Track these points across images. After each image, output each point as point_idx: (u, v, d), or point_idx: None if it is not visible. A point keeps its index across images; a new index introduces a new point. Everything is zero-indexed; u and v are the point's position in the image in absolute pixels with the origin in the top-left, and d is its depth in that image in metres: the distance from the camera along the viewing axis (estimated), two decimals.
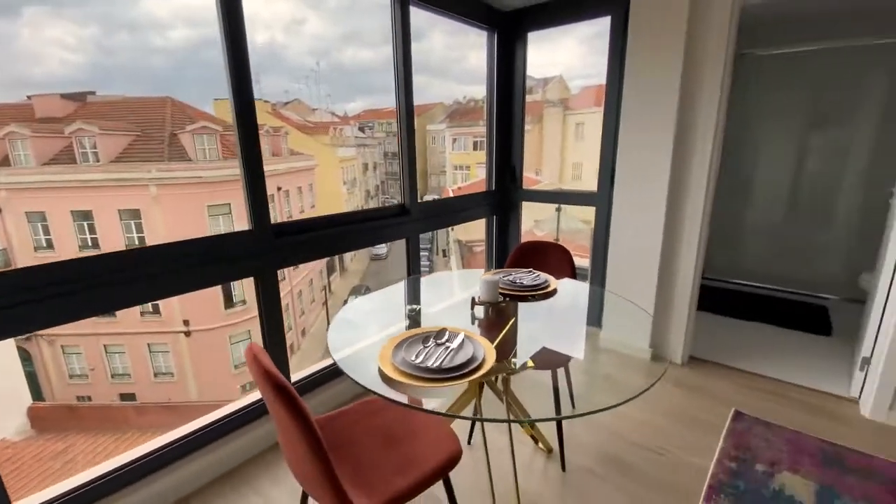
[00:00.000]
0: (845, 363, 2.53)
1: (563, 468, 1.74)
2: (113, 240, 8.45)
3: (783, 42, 3.37)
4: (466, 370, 1.08)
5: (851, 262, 3.44)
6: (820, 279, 3.58)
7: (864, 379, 2.14)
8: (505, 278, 1.75)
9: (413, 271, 2.54)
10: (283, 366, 1.87)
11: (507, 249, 3.26)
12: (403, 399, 1.09)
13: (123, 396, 9.03)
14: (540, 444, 1.84)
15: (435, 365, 1.08)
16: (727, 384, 2.34)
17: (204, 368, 9.30)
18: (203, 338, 9.16)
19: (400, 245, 2.50)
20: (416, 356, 1.13)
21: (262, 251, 1.74)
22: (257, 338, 1.93)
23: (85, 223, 8.34)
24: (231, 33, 1.55)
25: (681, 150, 2.36)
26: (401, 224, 2.40)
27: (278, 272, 1.83)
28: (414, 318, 1.65)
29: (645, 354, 2.61)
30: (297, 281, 13.09)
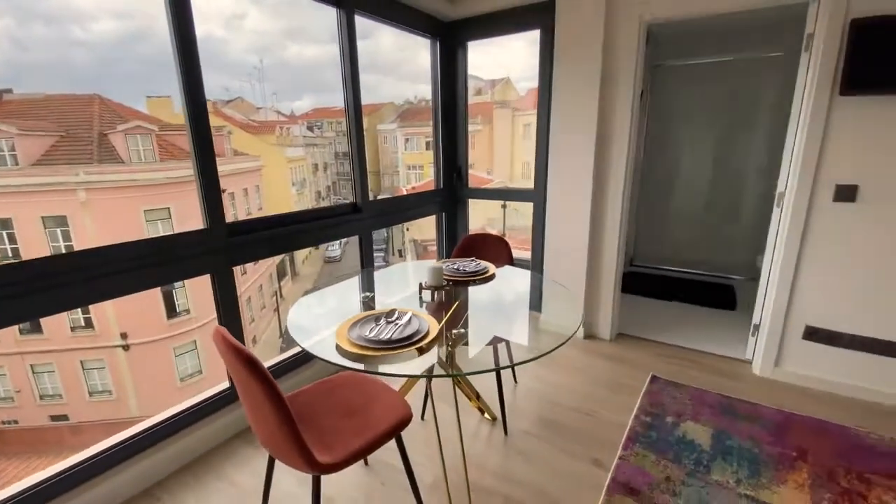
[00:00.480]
0: (744, 332, 2.96)
1: (506, 433, 1.96)
2: (36, 250, 7.83)
3: (689, 54, 3.83)
4: (414, 340, 1.26)
5: (753, 247, 3.96)
6: (729, 262, 4.09)
7: (755, 343, 2.54)
8: (450, 266, 1.94)
9: (367, 266, 2.68)
10: None
11: (456, 243, 3.47)
12: (360, 366, 1.25)
13: (55, 418, 8.39)
14: (486, 415, 2.06)
15: (386, 337, 1.25)
16: (647, 354, 2.67)
17: (146, 384, 8.79)
18: (144, 351, 8.64)
19: (354, 247, 2.63)
20: (370, 332, 1.29)
21: (217, 249, 1.82)
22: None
23: (4, 232, 7.69)
24: (180, 28, 1.59)
25: (602, 150, 2.66)
26: (353, 222, 2.54)
27: None
28: (367, 304, 1.80)
29: (578, 333, 2.91)
30: (245, 287, 12.64)
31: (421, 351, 1.27)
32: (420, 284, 1.69)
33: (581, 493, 1.63)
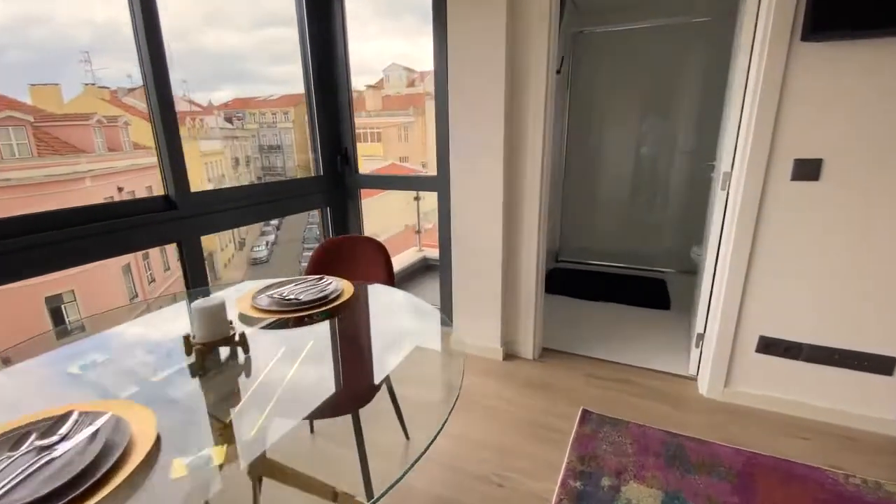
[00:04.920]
0: (683, 338, 2.54)
1: None
2: None
3: (611, 22, 3.39)
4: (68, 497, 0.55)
5: (684, 236, 3.63)
6: (659, 254, 3.74)
7: (700, 356, 2.10)
8: (266, 294, 1.24)
9: (197, 284, 1.90)
10: None
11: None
12: None
13: None
14: None
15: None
16: (577, 376, 2.15)
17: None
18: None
19: (284, 243, 1.86)
20: None
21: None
22: None
23: None
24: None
25: (514, 130, 2.08)
26: (165, 223, 1.75)
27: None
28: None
29: (497, 354, 2.33)
30: (155, 295, 11.10)
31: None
32: (186, 340, 0.97)
33: None
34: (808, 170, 1.64)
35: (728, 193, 1.87)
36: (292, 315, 1.16)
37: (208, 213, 1.93)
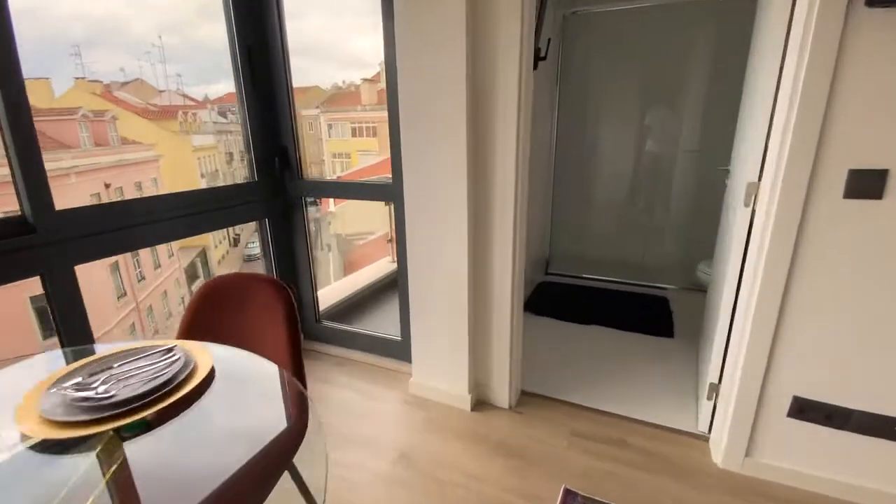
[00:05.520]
0: (690, 377, 2.12)
1: None
2: None
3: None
4: None
5: (687, 247, 3.20)
6: (660, 267, 3.30)
7: (713, 411, 1.68)
8: (65, 388, 0.81)
9: (75, 336, 1.48)
10: None
11: (297, 273, 2.34)
12: None
13: None
14: None
15: None
16: (559, 435, 1.73)
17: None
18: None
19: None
20: None
21: None
22: None
23: None
24: None
25: (481, 123, 1.65)
26: (19, 251, 1.33)
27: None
28: None
29: (464, 403, 1.91)
30: (143, 296, 10.75)
31: None
32: None
33: None
34: (867, 184, 1.20)
35: (754, 210, 1.44)
36: (95, 428, 0.74)
37: (87, 235, 1.51)
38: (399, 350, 2.17)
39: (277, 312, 1.12)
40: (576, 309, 2.88)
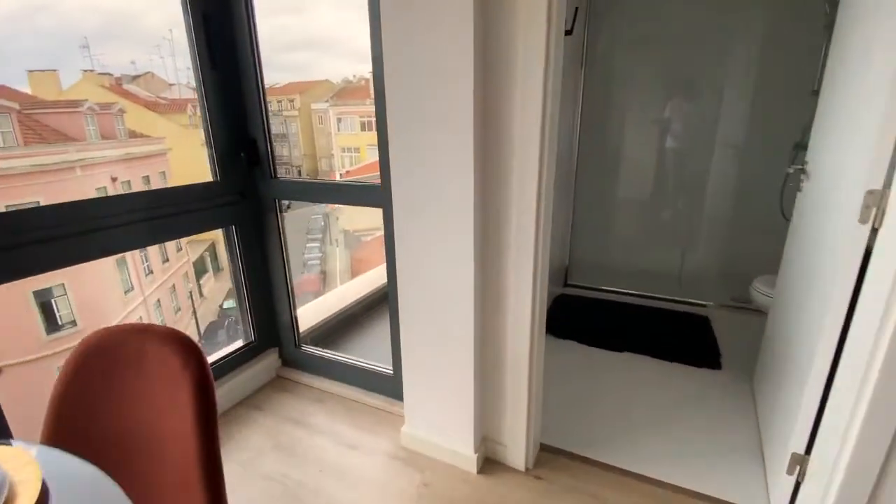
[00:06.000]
0: (749, 430, 1.71)
1: None
2: None
3: None
4: None
5: (730, 258, 2.75)
6: (697, 280, 2.86)
7: (795, 491, 1.27)
8: None
9: None
10: None
11: (271, 289, 1.98)
12: None
13: None
14: None
15: None
16: None
17: (26, 410, 7.20)
18: (19, 373, 7.03)
19: (290, 235, 1.20)
20: None
21: None
22: None
23: None
24: None
25: (494, 112, 1.25)
26: None
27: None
28: None
29: (469, 464, 1.52)
30: (151, 290, 10.66)
31: None
32: None
33: None
34: None
35: (876, 229, 1.02)
36: None
37: None
38: (390, 386, 1.80)
39: (182, 386, 0.75)
40: (602, 330, 2.46)
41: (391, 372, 1.80)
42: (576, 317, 2.64)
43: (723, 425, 1.73)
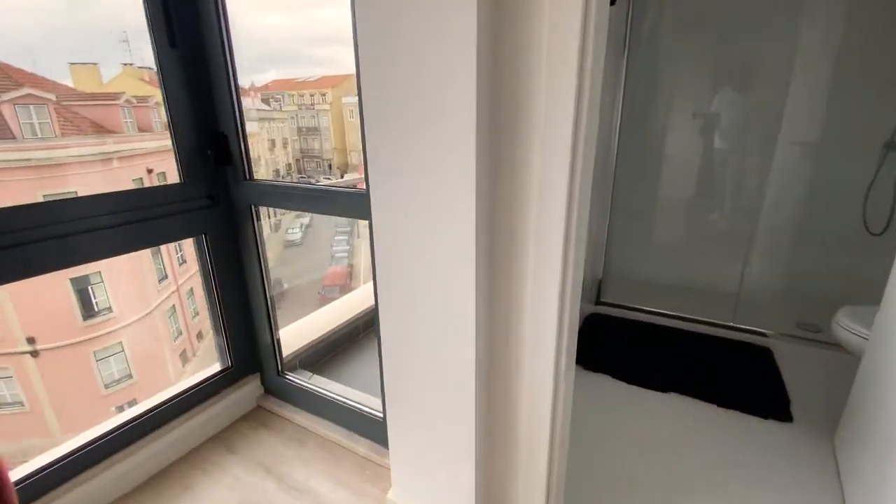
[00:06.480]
0: (829, 502, 1.30)
1: None
2: None
3: None
4: None
5: (798, 279, 2.29)
6: (755, 304, 2.40)
7: None
8: None
9: None
10: None
11: (248, 307, 1.71)
12: None
13: None
14: None
15: None
16: None
17: (64, 393, 7.49)
18: (57, 357, 7.28)
19: (316, 228, 1.05)
20: None
21: None
22: None
23: None
24: None
25: (500, 108, 0.91)
26: None
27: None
28: None
29: None
30: (185, 279, 10.92)
31: None
32: None
33: None
34: None
35: None
36: None
37: None
38: (380, 432, 1.50)
39: None
40: (642, 362, 2.07)
41: (381, 415, 1.50)
42: (610, 344, 2.26)
43: (796, 496, 1.33)
